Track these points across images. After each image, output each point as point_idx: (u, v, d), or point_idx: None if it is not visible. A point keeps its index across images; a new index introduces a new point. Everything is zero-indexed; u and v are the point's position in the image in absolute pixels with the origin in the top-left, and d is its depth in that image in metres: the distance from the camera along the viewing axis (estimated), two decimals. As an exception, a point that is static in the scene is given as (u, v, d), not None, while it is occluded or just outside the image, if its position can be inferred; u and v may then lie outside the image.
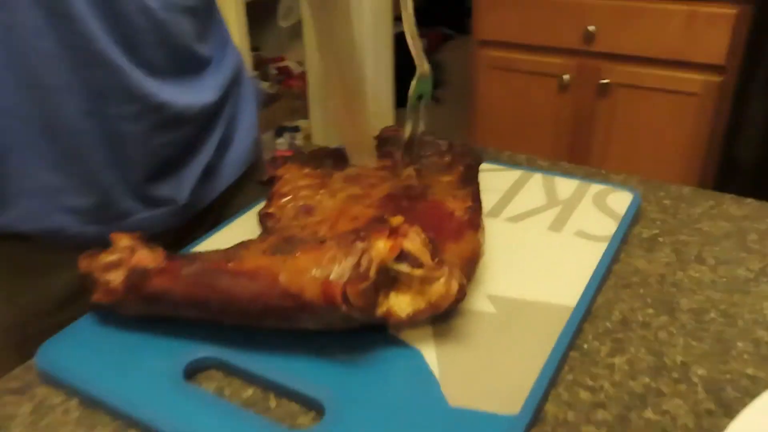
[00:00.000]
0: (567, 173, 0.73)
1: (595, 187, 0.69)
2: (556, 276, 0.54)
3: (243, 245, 0.48)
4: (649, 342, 0.48)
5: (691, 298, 0.52)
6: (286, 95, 3.06)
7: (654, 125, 1.81)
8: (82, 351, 0.48)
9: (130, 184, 0.61)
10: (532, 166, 0.78)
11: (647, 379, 0.44)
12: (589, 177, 0.74)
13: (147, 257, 0.48)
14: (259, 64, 3.09)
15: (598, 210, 0.65)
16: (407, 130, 0.54)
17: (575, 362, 0.46)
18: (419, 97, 0.51)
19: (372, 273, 0.43)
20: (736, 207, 0.67)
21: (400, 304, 0.44)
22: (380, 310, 0.44)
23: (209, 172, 0.68)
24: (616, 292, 0.53)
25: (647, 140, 1.84)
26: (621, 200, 0.66)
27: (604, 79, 1.80)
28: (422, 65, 0.52)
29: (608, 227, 0.61)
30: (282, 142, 2.96)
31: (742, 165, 1.74)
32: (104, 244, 0.50)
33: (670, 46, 1.71)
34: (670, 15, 1.68)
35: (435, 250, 0.44)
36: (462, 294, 0.44)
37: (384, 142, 0.62)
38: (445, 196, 0.49)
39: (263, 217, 0.52)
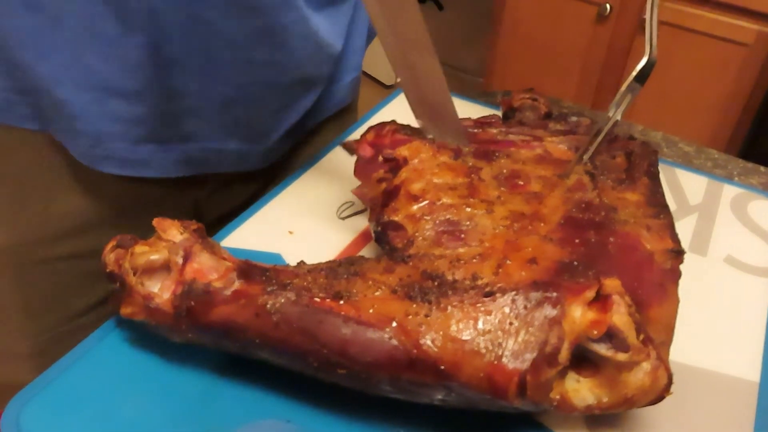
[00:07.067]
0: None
1: (730, 190, 0.56)
2: (727, 329, 0.42)
3: (354, 269, 0.33)
4: None
5: None
6: None
7: (691, 75, 1.66)
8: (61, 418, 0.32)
9: (214, 97, 0.44)
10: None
11: None
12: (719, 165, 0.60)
13: (210, 267, 0.33)
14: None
15: (742, 225, 0.52)
16: (609, 120, 0.38)
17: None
18: (635, 85, 0.36)
19: (563, 357, 0.29)
20: None
21: (581, 390, 0.31)
22: (551, 395, 0.31)
23: (306, 114, 0.52)
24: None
25: (680, 90, 1.69)
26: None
27: (648, 14, 1.62)
28: (653, 50, 0.37)
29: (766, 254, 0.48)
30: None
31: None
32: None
33: (729, -14, 1.54)
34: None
35: (640, 323, 0.31)
36: (668, 389, 0.31)
37: (514, 112, 0.46)
38: (638, 227, 0.35)
39: (385, 227, 0.36)
